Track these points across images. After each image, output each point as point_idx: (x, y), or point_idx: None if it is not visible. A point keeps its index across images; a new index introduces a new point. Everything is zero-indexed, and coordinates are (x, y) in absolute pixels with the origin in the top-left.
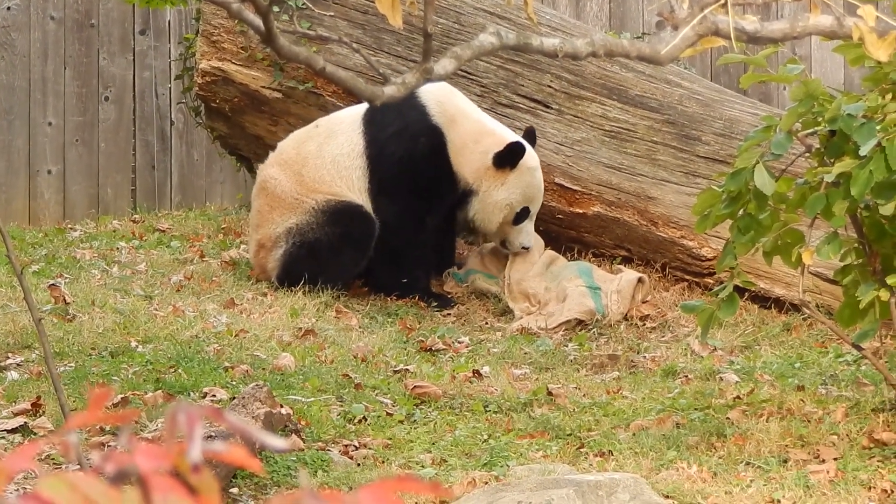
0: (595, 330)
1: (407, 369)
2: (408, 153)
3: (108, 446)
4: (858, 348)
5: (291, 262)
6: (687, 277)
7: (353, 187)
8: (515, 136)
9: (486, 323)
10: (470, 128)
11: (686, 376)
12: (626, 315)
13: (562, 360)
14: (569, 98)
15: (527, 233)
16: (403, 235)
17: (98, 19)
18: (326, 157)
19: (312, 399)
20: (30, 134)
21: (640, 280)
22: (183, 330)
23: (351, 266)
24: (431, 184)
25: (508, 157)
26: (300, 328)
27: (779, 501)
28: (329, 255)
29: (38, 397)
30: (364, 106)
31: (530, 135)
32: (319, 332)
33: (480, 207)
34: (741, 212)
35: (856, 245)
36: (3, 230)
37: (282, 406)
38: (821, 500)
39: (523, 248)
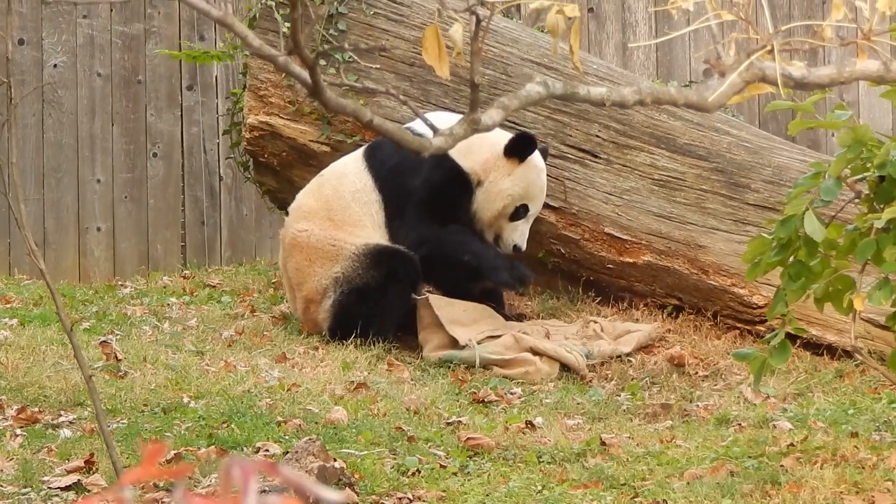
0: (647, 380)
1: (460, 421)
2: (421, 179)
3: (163, 502)
4: None
5: (342, 309)
6: (738, 325)
7: (374, 222)
8: None
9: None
10: None
11: (739, 424)
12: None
13: (614, 410)
14: (617, 147)
15: (521, 232)
16: (447, 242)
17: (145, 75)
18: (346, 196)
19: (366, 452)
20: (78, 191)
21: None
22: (235, 385)
23: (400, 306)
24: (453, 198)
25: (520, 146)
26: (352, 381)
27: None
28: (378, 298)
29: (92, 454)
30: (361, 148)
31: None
32: (371, 385)
33: (484, 198)
34: (792, 259)
35: None
36: (53, 288)
37: (335, 459)
38: None
39: (515, 247)
